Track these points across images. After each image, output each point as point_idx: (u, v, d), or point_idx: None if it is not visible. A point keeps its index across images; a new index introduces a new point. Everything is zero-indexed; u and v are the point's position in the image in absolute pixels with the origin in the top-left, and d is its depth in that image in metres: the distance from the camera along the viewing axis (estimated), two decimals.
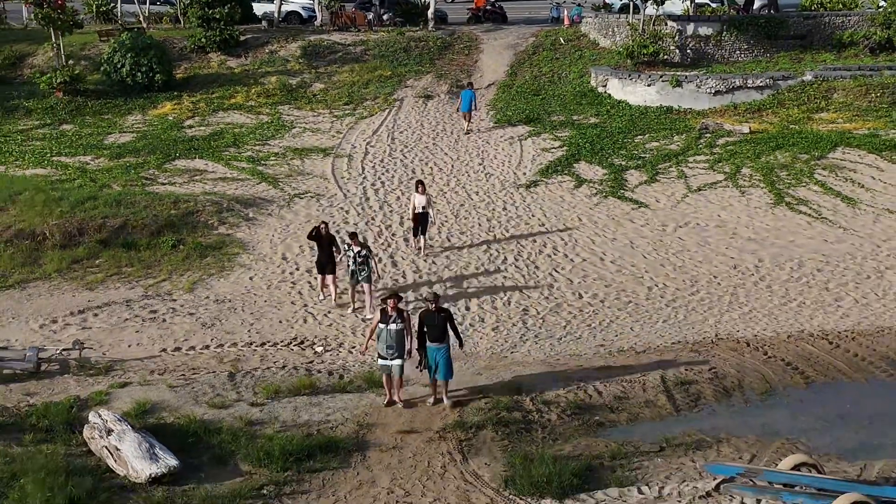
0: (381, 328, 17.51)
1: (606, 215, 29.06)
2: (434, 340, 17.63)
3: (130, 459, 15.32)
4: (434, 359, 17.61)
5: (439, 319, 17.65)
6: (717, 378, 19.38)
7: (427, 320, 17.71)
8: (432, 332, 17.61)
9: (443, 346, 17.62)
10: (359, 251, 22.17)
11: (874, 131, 35.02)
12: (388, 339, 17.44)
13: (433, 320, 17.65)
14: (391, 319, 17.47)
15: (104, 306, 22.93)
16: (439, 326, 17.59)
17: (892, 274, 24.81)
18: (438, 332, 17.59)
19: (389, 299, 17.70)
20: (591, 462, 16.03)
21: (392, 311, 17.50)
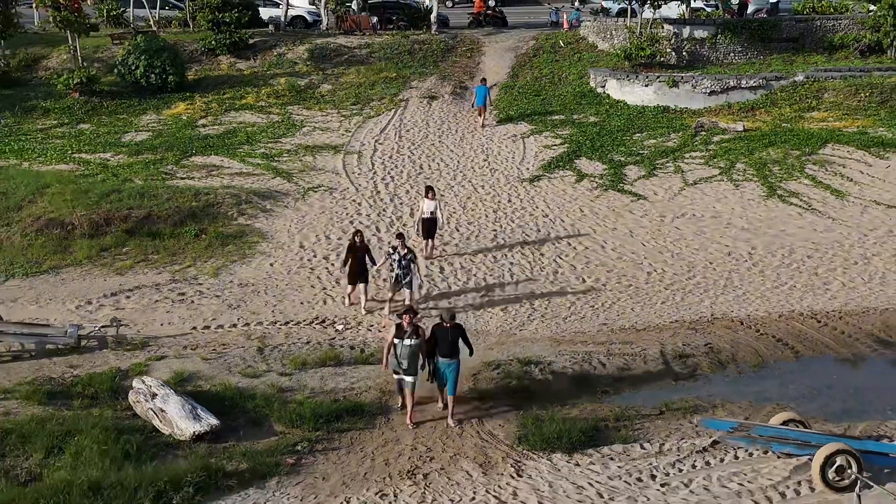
0: (397, 343, 17.22)
1: (607, 207, 30.48)
2: (444, 356, 17.42)
3: (175, 419, 16.71)
4: (444, 374, 17.47)
5: (452, 335, 17.45)
6: (712, 352, 20.79)
7: (439, 335, 17.50)
8: (443, 348, 17.42)
9: (453, 362, 17.40)
10: (404, 254, 21.98)
11: (863, 129, 36.50)
12: (402, 354, 17.17)
13: (445, 335, 17.44)
14: (406, 335, 17.21)
15: (135, 289, 24.29)
16: (451, 342, 17.40)
17: (878, 260, 26.23)
18: (449, 347, 17.39)
19: (405, 314, 17.39)
20: (596, 423, 17.44)
21: (408, 327, 17.22)
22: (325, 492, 15.10)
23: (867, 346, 21.27)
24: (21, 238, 27.46)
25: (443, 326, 17.56)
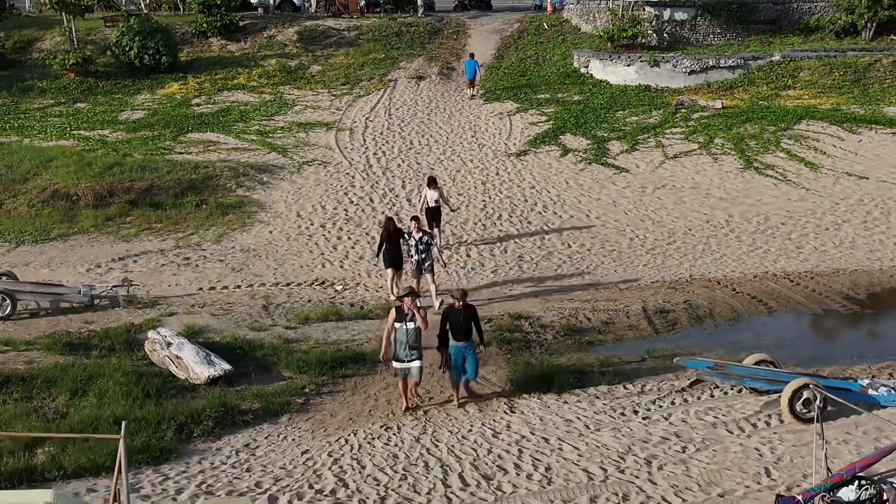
0: (398, 327, 16.54)
1: (591, 179, 31.77)
2: (459, 339, 16.86)
3: (191, 365, 17.91)
4: (461, 357, 16.88)
5: (464, 317, 16.89)
6: (691, 308, 22.10)
7: (452, 317, 16.94)
8: (457, 330, 16.87)
9: (469, 344, 16.93)
10: (421, 237, 21.47)
11: (836, 106, 37.88)
12: (406, 338, 16.49)
13: (458, 317, 16.89)
14: (408, 318, 16.56)
15: (141, 254, 25.46)
16: (464, 324, 16.85)
17: (848, 227, 27.60)
18: (464, 329, 16.84)
19: (406, 297, 16.86)
20: (583, 368, 18.73)
21: (409, 310, 16.61)
22: (334, 426, 16.33)
23: (836, 303, 22.60)
24: (28, 208, 28.59)
25: (455, 308, 16.97)
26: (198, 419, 16.10)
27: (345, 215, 28.63)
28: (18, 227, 27.37)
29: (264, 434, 16.07)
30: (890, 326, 22.15)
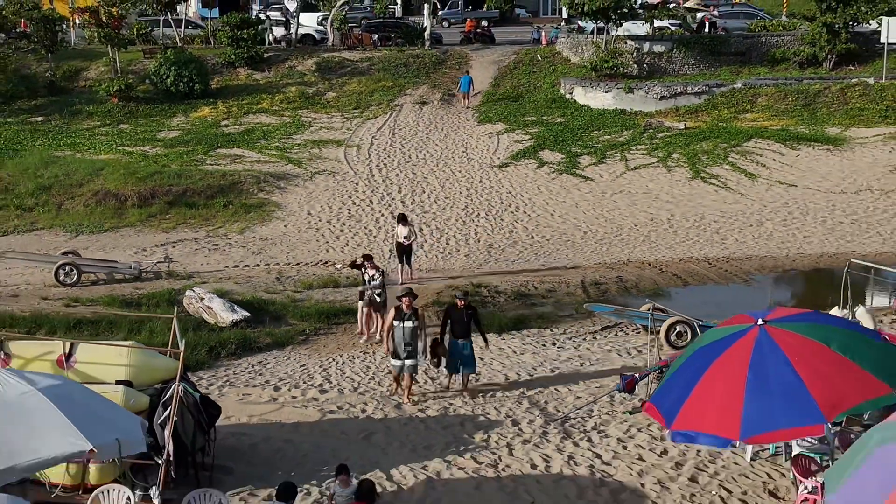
0: (397, 325, 17.35)
1: (559, 186, 37.23)
2: (459, 336, 17.95)
3: (219, 312, 23.43)
4: (460, 353, 17.98)
5: (466, 316, 17.99)
6: (621, 282, 27.41)
7: (453, 316, 18.02)
8: (458, 328, 17.95)
9: (468, 341, 18.00)
10: (373, 275, 21.86)
11: (785, 127, 43.17)
12: (403, 336, 17.28)
13: (460, 317, 17.95)
14: (406, 317, 17.35)
15: (178, 242, 31.10)
16: (465, 323, 17.95)
17: (769, 224, 32.89)
18: (464, 328, 17.94)
19: (404, 297, 17.64)
20: (522, 319, 24.11)
21: (407, 309, 17.39)
22: (326, 351, 21.77)
23: (741, 279, 27.87)
24: (84, 207, 34.31)
25: (457, 307, 18.12)
26: (224, 345, 21.62)
27: (348, 214, 34.19)
28: (77, 222, 33.09)
29: (273, 356, 21.55)
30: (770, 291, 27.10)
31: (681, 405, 12.61)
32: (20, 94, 48.77)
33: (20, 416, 10.22)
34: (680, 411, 12.57)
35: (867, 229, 32.23)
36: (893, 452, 9.79)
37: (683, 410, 12.55)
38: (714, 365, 12.74)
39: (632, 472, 14.80)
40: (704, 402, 12.40)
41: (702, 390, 12.57)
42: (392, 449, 15.90)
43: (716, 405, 12.31)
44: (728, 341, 12.97)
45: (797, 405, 11.90)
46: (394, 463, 15.27)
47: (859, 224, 32.75)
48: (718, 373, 12.61)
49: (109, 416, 11.17)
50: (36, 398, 10.44)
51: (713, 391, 12.46)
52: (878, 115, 43.90)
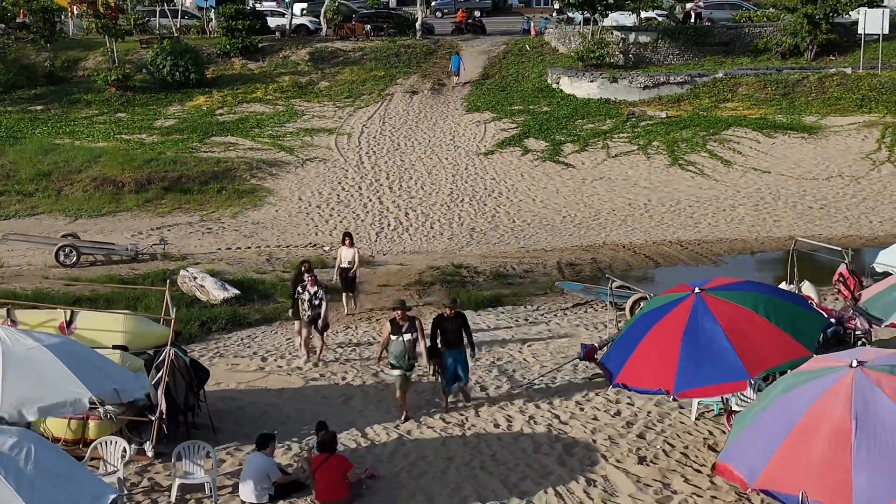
0: (394, 339, 16.78)
1: (542, 173, 38.57)
2: (450, 346, 17.13)
3: (210, 290, 24.77)
4: (452, 364, 17.12)
5: (455, 324, 17.22)
6: (595, 263, 28.77)
7: (443, 325, 17.21)
8: (448, 338, 17.14)
9: (461, 351, 17.24)
10: (316, 291, 19.92)
11: (764, 116, 44.49)
12: (403, 351, 16.71)
13: (449, 325, 17.18)
14: (402, 329, 16.75)
15: (173, 225, 32.46)
16: (455, 332, 17.15)
17: (741, 209, 34.25)
18: (455, 337, 17.14)
19: (396, 311, 17.06)
20: (499, 297, 25.44)
21: (402, 321, 16.79)
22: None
23: (710, 260, 29.24)
24: (82, 193, 35.67)
25: (445, 316, 17.30)
26: (215, 320, 22.99)
27: (337, 199, 35.57)
28: (76, 207, 34.46)
29: (261, 331, 22.91)
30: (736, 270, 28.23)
31: (624, 363, 13.99)
32: (20, 83, 49.98)
33: (28, 367, 11.57)
34: (623, 368, 13.95)
35: (835, 214, 33.59)
36: (793, 400, 11.12)
37: (626, 367, 13.95)
38: (654, 328, 14.12)
39: (586, 429, 16.15)
40: (644, 360, 13.79)
41: (643, 350, 13.97)
42: (368, 411, 17.26)
43: (654, 363, 13.69)
44: (668, 308, 14.35)
45: (725, 364, 13.28)
46: (369, 423, 16.63)
47: (828, 209, 34.11)
48: (657, 335, 13.99)
49: (107, 369, 12.55)
50: (41, 353, 11.80)
51: (652, 351, 13.83)
52: (854, 104, 45.19)
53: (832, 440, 10.33)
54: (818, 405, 10.67)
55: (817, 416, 10.59)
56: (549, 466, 14.86)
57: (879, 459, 10.09)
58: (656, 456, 15.13)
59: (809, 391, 10.96)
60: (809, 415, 10.63)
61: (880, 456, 10.11)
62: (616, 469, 14.71)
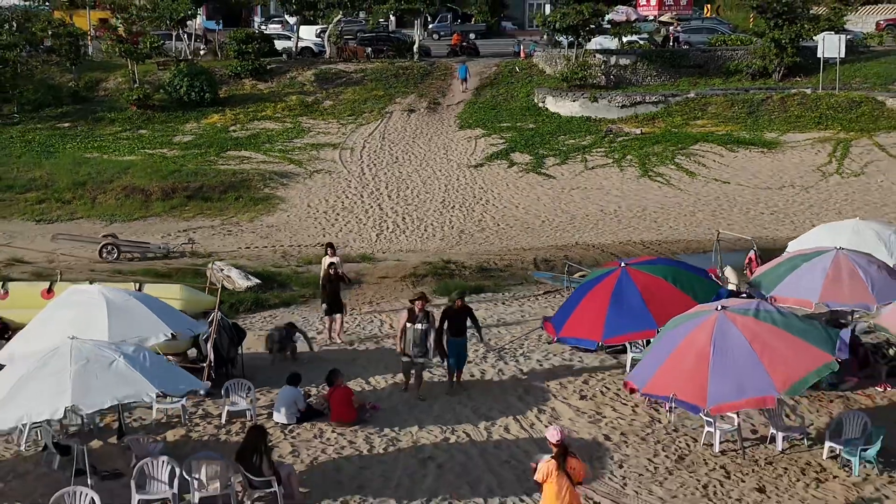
0: (409, 327, 18.67)
1: (525, 183, 43.03)
2: (455, 335, 19.36)
3: (235, 279, 29.17)
4: (455, 350, 19.44)
5: (461, 316, 19.48)
6: (567, 259, 33.10)
7: (451, 317, 19.41)
8: (454, 328, 19.31)
9: (462, 339, 19.57)
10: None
11: (729, 132, 48.97)
12: (414, 338, 18.66)
13: (456, 317, 19.39)
14: (418, 319, 18.63)
15: (198, 228, 36.86)
16: (460, 323, 19.41)
17: (700, 214, 38.68)
18: (460, 327, 19.38)
19: (417, 301, 19.04)
20: (481, 286, 29.80)
21: (419, 312, 18.70)
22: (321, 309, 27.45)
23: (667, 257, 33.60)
24: (114, 200, 40.06)
25: (454, 309, 19.65)
26: (241, 303, 27.41)
27: (341, 206, 39.99)
28: (110, 212, 38.86)
29: (280, 312, 27.31)
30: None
31: (565, 320, 18.44)
32: (47, 102, 54.45)
33: (125, 312, 16.03)
34: (564, 324, 18.40)
35: (783, 219, 38.02)
36: (675, 333, 15.53)
37: (567, 323, 18.39)
38: (589, 293, 18.59)
39: (542, 378, 20.55)
40: (579, 318, 18.27)
41: (579, 311, 18.42)
42: (370, 366, 21.63)
43: (587, 320, 18.14)
44: (601, 278, 18.85)
45: (641, 319, 17.72)
46: (371, 374, 21.02)
47: (777, 214, 38.53)
48: (591, 299, 18.45)
49: (178, 315, 17.07)
50: (133, 301, 16.29)
51: (585, 312, 18.29)
52: (813, 121, 49.73)
53: (696, 359, 14.74)
54: (690, 335, 15.10)
55: (689, 343, 15.02)
56: (511, 401, 19.27)
57: (727, 371, 14.49)
58: (594, 395, 19.53)
59: (687, 326, 15.40)
60: (684, 342, 15.06)
61: (728, 369, 14.50)
62: (562, 403, 19.12)
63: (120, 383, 13.31)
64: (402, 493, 15.55)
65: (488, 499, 15.34)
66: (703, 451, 16.79)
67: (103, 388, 13.17)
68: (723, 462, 16.35)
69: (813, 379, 14.75)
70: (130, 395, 13.49)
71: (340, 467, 16.47)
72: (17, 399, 13.29)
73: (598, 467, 16.30)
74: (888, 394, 19.41)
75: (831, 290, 18.40)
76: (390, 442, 17.51)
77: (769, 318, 15.35)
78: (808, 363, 14.67)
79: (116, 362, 13.47)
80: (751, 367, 14.55)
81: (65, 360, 13.55)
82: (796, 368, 14.58)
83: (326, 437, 17.70)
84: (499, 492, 15.52)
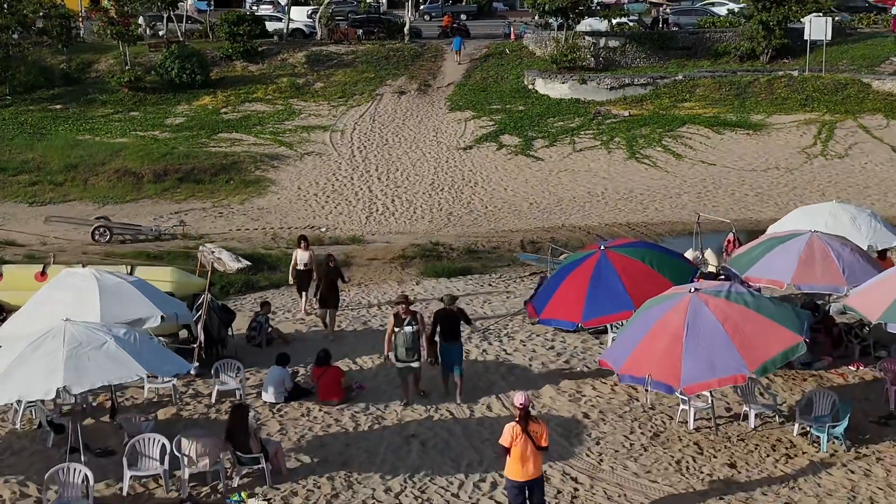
0: (397, 331, 18.09)
1: (514, 165, 43.48)
2: (448, 339, 18.56)
3: (226, 261, 29.62)
4: (449, 356, 18.61)
5: (454, 320, 18.65)
6: (553, 240, 33.56)
7: (443, 320, 18.64)
8: (448, 332, 18.56)
9: (457, 344, 18.69)
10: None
11: (717, 114, 49.43)
12: (405, 341, 18.01)
13: (449, 320, 18.61)
14: (405, 322, 18.05)
15: (189, 210, 37.32)
16: (453, 327, 18.58)
17: (686, 196, 39.17)
18: (453, 331, 18.57)
19: (400, 305, 18.46)
20: (468, 267, 30.31)
21: (404, 315, 18.12)
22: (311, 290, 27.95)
23: (652, 238, 34.08)
24: (107, 182, 40.49)
25: (446, 312, 18.78)
26: (232, 284, 27.88)
27: (331, 188, 40.45)
28: (102, 194, 39.29)
29: (270, 293, 27.75)
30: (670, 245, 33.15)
31: (546, 302, 18.95)
32: (39, 84, 54.68)
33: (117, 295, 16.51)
34: (546, 306, 18.91)
35: (767, 200, 38.53)
36: (649, 314, 16.05)
37: (548, 305, 18.90)
38: (570, 276, 19.08)
39: (525, 358, 21.08)
40: (559, 299, 18.76)
41: (560, 293, 18.91)
42: (358, 347, 22.13)
43: (567, 301, 18.63)
44: (579, 261, 19.35)
45: (618, 299, 18.22)
46: (359, 354, 21.53)
47: (762, 196, 39.04)
48: (571, 281, 18.93)
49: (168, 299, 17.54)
50: (125, 285, 16.77)
51: (565, 294, 18.78)
52: (799, 103, 50.21)
53: (670, 340, 15.26)
54: (664, 317, 15.62)
55: (663, 324, 15.53)
56: (493, 380, 19.81)
57: (699, 352, 15.01)
58: (575, 374, 20.06)
59: (660, 308, 15.92)
60: (658, 324, 15.57)
61: (700, 350, 15.03)
62: (544, 381, 19.64)
63: (110, 365, 13.79)
64: (386, 469, 16.06)
65: (469, 474, 15.86)
66: (678, 428, 17.32)
67: (94, 370, 13.65)
68: (696, 438, 16.89)
69: (782, 359, 15.26)
70: (120, 376, 13.97)
71: (326, 444, 16.98)
72: (11, 379, 13.78)
73: (576, 444, 16.85)
74: (860, 372, 19.96)
75: (804, 271, 18.87)
76: (375, 420, 18.03)
77: (741, 299, 15.86)
78: (778, 344, 15.19)
79: (108, 344, 13.94)
80: (723, 348, 15.06)
81: (58, 342, 14.02)
82: (767, 349, 15.09)
83: (313, 416, 18.21)
84: (479, 468, 16.04)
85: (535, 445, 13.35)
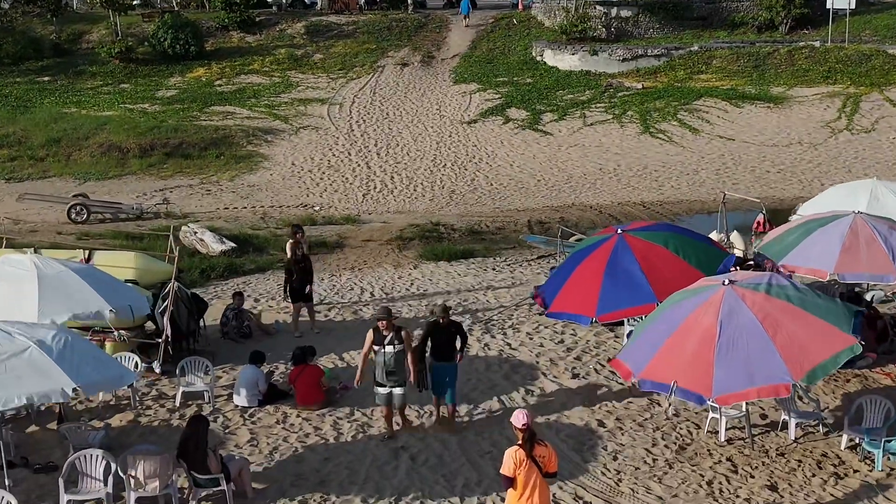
0: (377, 350, 15.05)
1: (521, 140, 41.10)
2: (442, 359, 15.58)
3: (209, 243, 27.37)
4: (442, 379, 15.57)
5: (448, 335, 15.65)
6: (562, 221, 31.29)
7: (434, 335, 15.61)
8: (440, 350, 15.58)
9: (451, 365, 15.62)
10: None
11: (734, 87, 46.95)
12: (385, 363, 14.99)
13: (442, 335, 15.59)
14: (387, 340, 14.97)
15: (175, 188, 35.05)
16: (448, 343, 15.63)
17: (704, 173, 36.77)
18: (447, 349, 15.61)
19: (380, 320, 15.15)
20: (471, 250, 28.01)
21: (386, 331, 15.01)
22: None
23: (668, 219, 31.74)
24: (90, 158, 38.25)
25: (438, 325, 15.67)
26: (213, 268, 25.62)
27: (328, 164, 38.14)
28: (85, 170, 37.05)
29: (256, 278, 25.53)
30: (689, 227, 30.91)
31: (556, 293, 16.66)
32: (27, 55, 52.41)
33: (58, 286, 14.24)
34: (555, 297, 16.62)
35: (790, 177, 36.13)
36: (676, 311, 13.77)
37: (558, 296, 16.62)
38: (582, 263, 16.78)
39: (531, 353, 18.85)
40: (571, 290, 16.47)
41: (571, 282, 16.63)
42: (346, 340, 19.91)
43: (579, 293, 16.34)
44: (595, 246, 17.04)
45: (638, 291, 15.93)
46: (346, 349, 19.31)
47: (784, 173, 36.64)
48: (585, 269, 16.64)
49: (122, 290, 15.24)
50: (69, 275, 14.49)
51: (578, 284, 16.50)
52: (821, 75, 47.63)
53: (701, 341, 12.99)
54: (694, 315, 13.33)
55: (692, 323, 13.25)
56: (496, 381, 17.58)
57: (735, 356, 12.75)
58: (588, 373, 17.82)
59: (689, 304, 13.63)
60: (686, 322, 13.29)
61: (736, 353, 12.76)
62: (552, 382, 17.43)
63: (32, 377, 11.55)
64: (369, 490, 13.88)
65: (466, 497, 13.66)
66: (706, 439, 15.09)
67: (11, 383, 11.40)
68: (729, 453, 14.66)
69: (833, 364, 13.01)
70: (43, 391, 11.68)
71: (302, 458, 14.81)
72: None
73: (591, 459, 14.65)
74: None
75: (848, 259, 16.56)
76: (360, 428, 15.84)
77: (783, 293, 13.60)
78: (827, 346, 12.95)
79: (30, 350, 11.69)
80: (762, 352, 12.81)
81: None
82: (814, 352, 12.86)
83: (290, 423, 16.04)
84: (477, 489, 13.84)
85: (541, 472, 11.13)
